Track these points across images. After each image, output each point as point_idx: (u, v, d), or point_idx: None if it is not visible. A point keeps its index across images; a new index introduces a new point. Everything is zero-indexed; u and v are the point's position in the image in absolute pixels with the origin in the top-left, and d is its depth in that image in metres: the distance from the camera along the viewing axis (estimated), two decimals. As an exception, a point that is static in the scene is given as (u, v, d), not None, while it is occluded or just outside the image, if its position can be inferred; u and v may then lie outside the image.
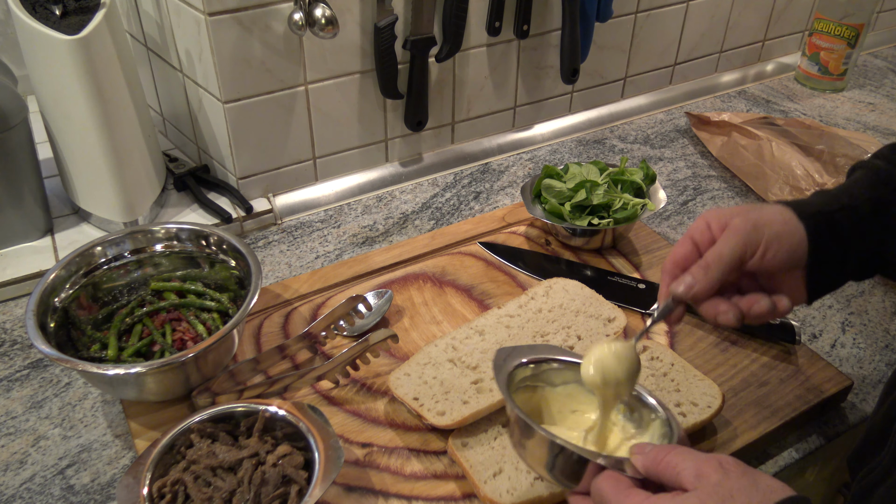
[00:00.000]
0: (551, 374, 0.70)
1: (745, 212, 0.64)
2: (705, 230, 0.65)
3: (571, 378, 0.69)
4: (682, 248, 0.66)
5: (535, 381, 0.69)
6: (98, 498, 0.74)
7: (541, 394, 0.70)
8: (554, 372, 0.69)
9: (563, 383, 0.70)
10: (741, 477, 0.51)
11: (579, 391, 0.69)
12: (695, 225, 0.66)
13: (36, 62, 0.94)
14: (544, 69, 1.29)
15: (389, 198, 1.18)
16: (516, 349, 0.69)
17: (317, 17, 0.96)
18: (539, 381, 0.70)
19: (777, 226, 0.62)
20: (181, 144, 1.22)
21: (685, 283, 0.63)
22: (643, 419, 0.66)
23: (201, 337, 0.84)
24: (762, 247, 0.62)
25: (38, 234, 1.03)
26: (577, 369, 0.66)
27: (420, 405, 0.77)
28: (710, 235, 0.65)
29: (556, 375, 0.70)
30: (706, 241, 0.65)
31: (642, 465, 0.55)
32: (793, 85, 1.57)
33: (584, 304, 0.89)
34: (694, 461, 0.52)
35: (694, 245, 0.65)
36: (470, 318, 0.90)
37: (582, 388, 0.69)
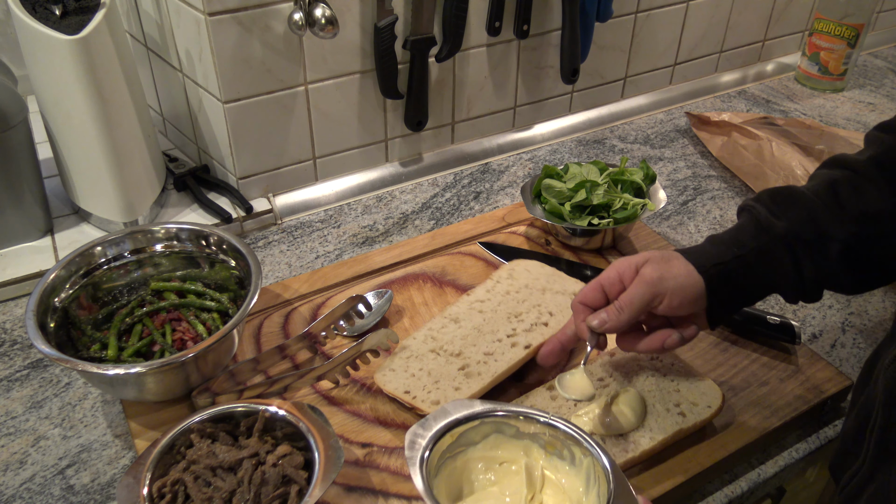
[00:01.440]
0: (470, 433, 0.66)
1: (654, 261, 0.72)
2: (616, 280, 0.73)
3: (491, 430, 0.67)
4: (592, 291, 0.74)
5: (455, 447, 0.66)
6: (98, 498, 0.74)
7: (462, 459, 0.67)
8: (472, 431, 0.66)
9: (483, 438, 0.67)
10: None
11: (500, 440, 0.67)
12: (606, 273, 0.74)
13: (36, 62, 0.94)
14: (544, 69, 1.29)
15: (389, 198, 1.18)
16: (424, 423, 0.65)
17: (317, 17, 0.96)
18: (460, 445, 0.66)
19: (680, 278, 0.70)
20: (181, 144, 1.22)
21: (599, 319, 0.72)
22: (574, 457, 0.65)
23: (201, 337, 0.84)
24: (668, 296, 0.71)
25: (38, 234, 1.03)
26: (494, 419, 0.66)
27: (413, 398, 0.78)
28: (620, 285, 0.73)
29: (475, 433, 0.67)
30: (615, 290, 0.73)
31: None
32: (793, 85, 1.57)
33: (548, 281, 0.92)
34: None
35: (602, 291, 0.73)
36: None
37: (502, 436, 0.67)
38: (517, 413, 0.66)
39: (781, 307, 0.97)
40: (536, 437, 0.67)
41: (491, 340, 0.84)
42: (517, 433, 0.67)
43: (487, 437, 0.67)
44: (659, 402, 0.78)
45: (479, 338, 0.84)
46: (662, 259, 0.72)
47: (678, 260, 0.72)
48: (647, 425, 0.75)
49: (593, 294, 0.73)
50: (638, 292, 0.70)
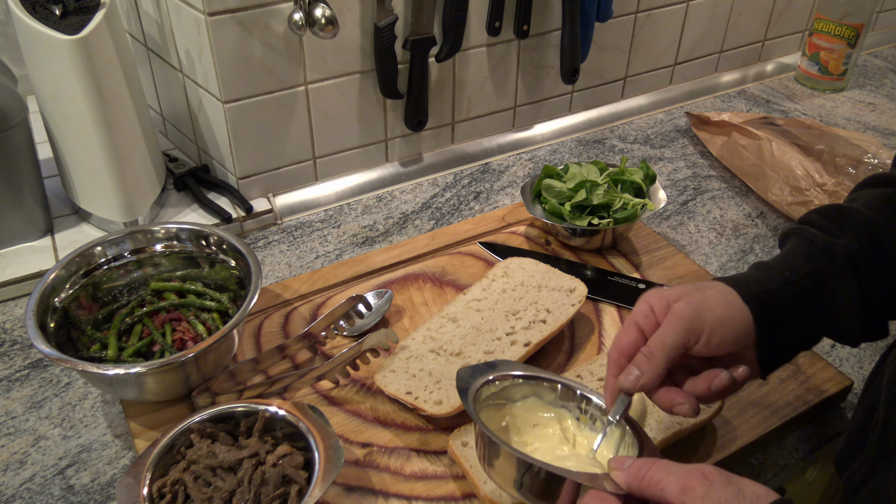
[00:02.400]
0: (512, 389, 0.70)
1: (688, 294, 0.62)
2: (649, 314, 0.63)
3: (530, 392, 0.70)
4: (628, 335, 0.63)
5: (497, 398, 0.69)
6: (98, 498, 0.74)
7: (506, 410, 0.70)
8: (515, 388, 0.70)
9: (522, 398, 0.70)
10: (726, 486, 0.49)
11: (537, 403, 0.70)
12: (637, 308, 0.64)
13: (36, 62, 0.94)
14: (544, 69, 1.29)
15: (389, 198, 1.18)
16: (476, 368, 0.69)
17: (317, 17, 0.96)
18: (501, 398, 0.70)
19: (720, 310, 0.60)
20: (181, 144, 1.22)
21: (632, 377, 0.60)
22: (607, 429, 0.64)
23: (201, 337, 0.84)
24: (706, 333, 0.60)
25: (38, 234, 1.03)
26: (535, 383, 0.69)
27: (415, 398, 0.78)
28: (654, 319, 0.63)
29: (517, 391, 0.70)
30: (651, 326, 0.62)
31: (625, 481, 0.53)
32: (793, 85, 1.57)
33: (543, 278, 0.92)
34: (677, 475, 0.51)
35: (639, 330, 0.63)
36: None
37: (539, 401, 0.70)
38: (557, 381, 0.69)
39: (781, 307, 0.97)
40: (571, 407, 0.69)
41: (490, 339, 0.84)
42: (554, 400, 0.70)
43: (526, 398, 0.70)
44: (659, 402, 0.78)
45: (478, 337, 0.84)
46: (698, 290, 0.62)
47: (716, 289, 0.62)
48: (646, 425, 0.75)
49: (629, 337, 0.63)
50: (671, 332, 0.60)
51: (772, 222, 1.14)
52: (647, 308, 0.63)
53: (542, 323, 0.85)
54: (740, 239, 1.10)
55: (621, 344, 0.63)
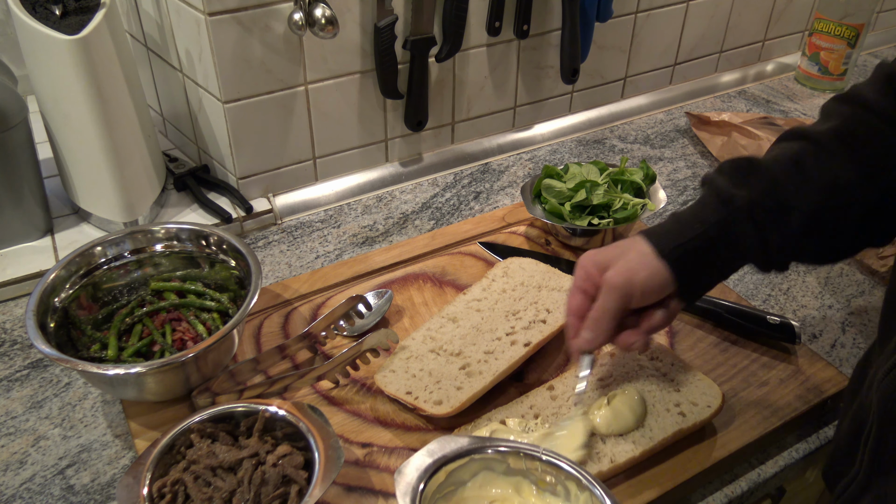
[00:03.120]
0: (459, 472, 0.65)
1: (615, 259, 0.70)
2: (587, 278, 0.72)
3: (479, 468, 0.66)
4: (574, 299, 0.73)
5: (446, 487, 0.65)
6: (98, 498, 0.74)
7: (456, 498, 0.65)
8: (461, 469, 0.65)
9: (472, 476, 0.66)
10: None
11: (490, 477, 0.66)
12: (577, 275, 0.73)
13: (36, 62, 0.94)
14: (544, 69, 1.29)
15: (389, 198, 1.18)
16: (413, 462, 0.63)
17: (317, 17, 0.96)
18: (450, 484, 0.65)
19: (644, 272, 0.69)
20: (181, 144, 1.22)
21: (587, 340, 0.71)
22: (570, 493, 0.64)
23: (201, 337, 0.84)
24: (637, 295, 0.70)
25: (38, 234, 1.03)
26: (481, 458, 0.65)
27: (415, 399, 0.78)
28: (594, 283, 0.71)
29: (464, 471, 0.66)
30: (591, 287, 0.72)
31: None
32: (793, 85, 1.57)
33: (543, 278, 0.92)
34: None
35: (583, 293, 0.72)
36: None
37: (492, 473, 0.66)
38: (506, 449, 0.65)
39: (781, 307, 0.97)
40: (528, 472, 0.66)
41: (490, 339, 0.84)
42: (507, 469, 0.66)
43: (476, 476, 0.66)
44: (659, 402, 0.78)
45: (478, 336, 0.84)
46: (622, 255, 0.71)
47: (637, 251, 0.70)
48: (647, 425, 0.75)
49: (576, 301, 0.73)
50: (610, 300, 0.70)
51: (772, 222, 1.14)
52: (585, 273, 0.72)
53: (542, 323, 0.85)
54: (740, 239, 1.10)
55: (571, 307, 0.73)
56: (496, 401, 0.80)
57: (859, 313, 0.97)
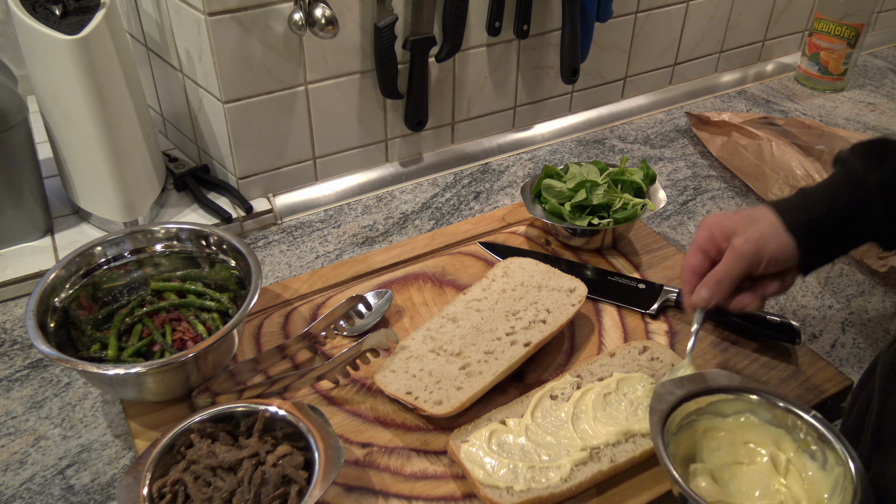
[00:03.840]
0: (722, 405, 0.67)
1: (744, 228, 0.73)
2: (710, 239, 0.75)
3: (744, 409, 0.67)
4: (695, 258, 0.77)
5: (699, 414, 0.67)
6: (98, 498, 0.74)
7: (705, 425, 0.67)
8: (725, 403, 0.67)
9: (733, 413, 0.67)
10: None
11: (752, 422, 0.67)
12: (700, 235, 0.76)
13: (36, 62, 0.94)
14: (544, 69, 1.29)
15: (389, 198, 1.18)
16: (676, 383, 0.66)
17: (317, 17, 0.96)
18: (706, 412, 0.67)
19: (774, 245, 0.72)
20: (181, 144, 1.22)
21: (705, 297, 0.75)
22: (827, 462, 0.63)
23: (201, 337, 0.84)
24: (763, 265, 0.73)
25: (38, 234, 1.03)
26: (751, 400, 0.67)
27: (415, 399, 0.78)
28: (716, 245, 0.75)
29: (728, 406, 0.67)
30: (714, 250, 0.76)
31: None
32: (793, 85, 1.57)
33: (543, 278, 0.92)
34: None
35: (703, 253, 0.76)
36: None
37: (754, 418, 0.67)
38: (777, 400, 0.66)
39: (781, 307, 0.97)
40: (791, 429, 0.66)
41: (490, 339, 0.84)
42: (772, 419, 0.67)
43: (739, 415, 0.68)
44: (659, 401, 0.78)
45: (478, 337, 0.84)
46: (752, 223, 0.73)
47: (767, 221, 0.73)
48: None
49: (696, 260, 0.76)
50: (735, 265, 0.73)
51: (772, 222, 1.14)
52: (709, 235, 0.75)
53: (542, 323, 0.85)
54: (740, 239, 1.10)
55: (691, 265, 0.77)
56: (496, 401, 0.80)
57: (859, 313, 0.97)
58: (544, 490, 0.69)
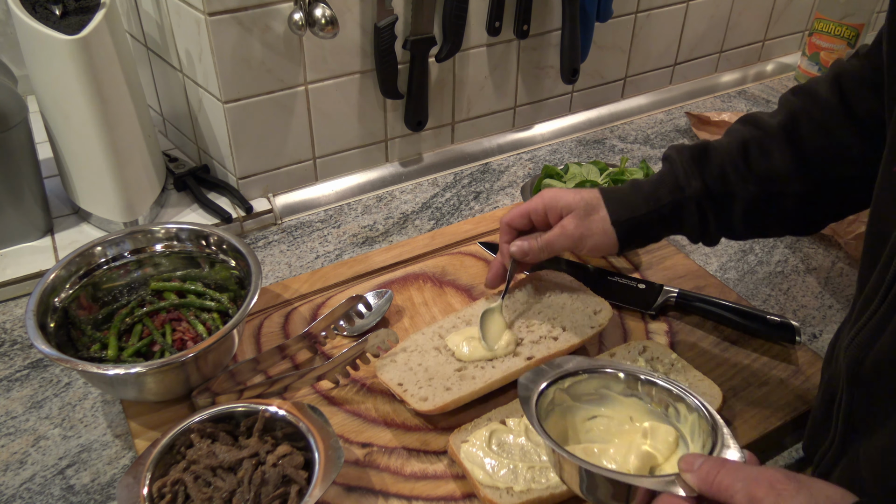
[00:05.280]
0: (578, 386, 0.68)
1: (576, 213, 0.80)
2: (541, 213, 0.82)
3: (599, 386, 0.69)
4: (521, 219, 0.83)
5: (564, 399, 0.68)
6: (98, 498, 0.74)
7: (573, 408, 0.69)
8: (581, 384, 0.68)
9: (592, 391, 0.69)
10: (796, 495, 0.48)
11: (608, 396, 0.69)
12: (534, 203, 0.82)
13: (36, 62, 0.94)
14: (544, 69, 1.29)
15: (389, 198, 1.18)
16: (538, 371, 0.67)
17: (317, 17, 0.96)
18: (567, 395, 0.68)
19: (597, 237, 0.80)
20: (181, 144, 1.22)
21: (521, 248, 0.83)
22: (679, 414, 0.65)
23: (201, 337, 0.84)
24: (584, 250, 0.81)
25: (38, 234, 1.03)
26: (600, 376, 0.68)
27: (404, 390, 0.78)
28: (543, 219, 0.82)
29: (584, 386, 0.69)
30: (540, 220, 0.83)
31: (695, 484, 0.53)
32: (793, 85, 1.57)
33: (571, 296, 0.90)
34: (745, 482, 0.50)
35: (527, 218, 0.83)
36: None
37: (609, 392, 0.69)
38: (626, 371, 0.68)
39: (781, 307, 0.97)
40: (644, 395, 0.68)
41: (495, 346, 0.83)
42: (624, 391, 0.69)
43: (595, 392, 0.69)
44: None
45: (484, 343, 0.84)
46: (585, 212, 0.80)
47: (598, 216, 0.80)
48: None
49: (521, 220, 0.83)
50: (560, 241, 0.81)
51: (772, 222, 1.14)
52: (542, 208, 0.82)
53: (552, 340, 0.84)
54: (740, 239, 1.10)
55: (513, 221, 0.84)
56: (496, 401, 0.80)
57: (859, 313, 0.97)
58: (544, 490, 0.69)
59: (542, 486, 0.69)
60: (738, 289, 1.00)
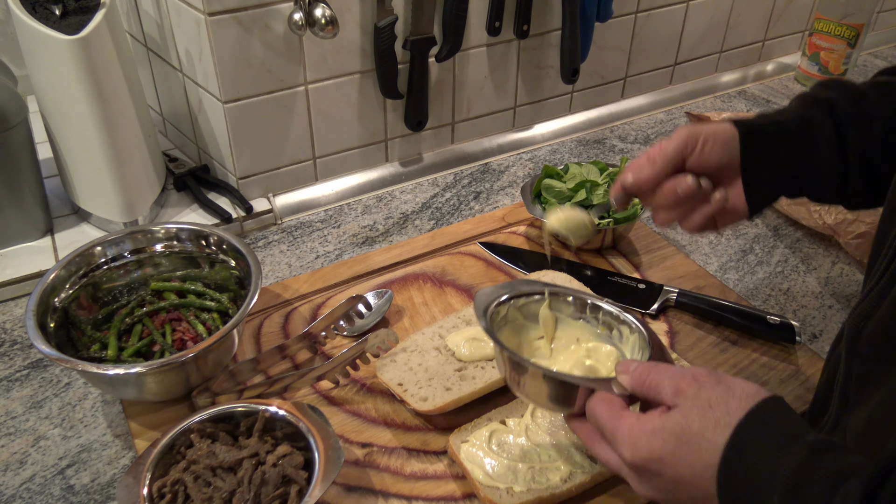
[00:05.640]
0: (531, 306, 0.72)
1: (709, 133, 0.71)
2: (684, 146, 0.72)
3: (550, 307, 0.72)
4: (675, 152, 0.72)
5: (515, 316, 0.72)
6: (98, 498, 0.74)
7: (524, 325, 0.73)
8: (533, 304, 0.72)
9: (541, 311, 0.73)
10: (716, 386, 0.54)
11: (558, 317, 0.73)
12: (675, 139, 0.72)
13: (36, 62, 0.94)
14: (544, 69, 1.29)
15: (389, 198, 1.18)
16: (496, 288, 0.72)
17: (317, 17, 0.96)
18: (520, 314, 0.72)
19: (714, 126, 0.71)
20: (181, 144, 1.22)
21: (633, 172, 0.73)
22: (622, 335, 0.69)
23: (201, 337, 0.84)
24: (700, 142, 0.70)
25: (38, 234, 1.03)
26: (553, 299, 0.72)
27: (404, 390, 0.78)
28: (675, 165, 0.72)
29: (536, 307, 0.72)
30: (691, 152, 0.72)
31: (629, 384, 0.58)
32: (793, 85, 1.57)
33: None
34: (671, 378, 0.56)
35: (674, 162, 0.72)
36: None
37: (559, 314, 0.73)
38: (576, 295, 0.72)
39: (781, 307, 0.97)
40: (591, 318, 0.71)
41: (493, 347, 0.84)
42: (573, 313, 0.72)
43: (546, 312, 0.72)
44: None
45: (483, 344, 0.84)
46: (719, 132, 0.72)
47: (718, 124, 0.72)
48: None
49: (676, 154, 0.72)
50: (672, 142, 0.71)
51: (772, 222, 1.14)
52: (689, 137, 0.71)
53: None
54: (740, 239, 1.10)
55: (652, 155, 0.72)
56: (496, 401, 0.80)
57: (859, 313, 0.97)
58: (544, 490, 0.69)
59: (542, 486, 0.69)
60: (738, 289, 1.00)
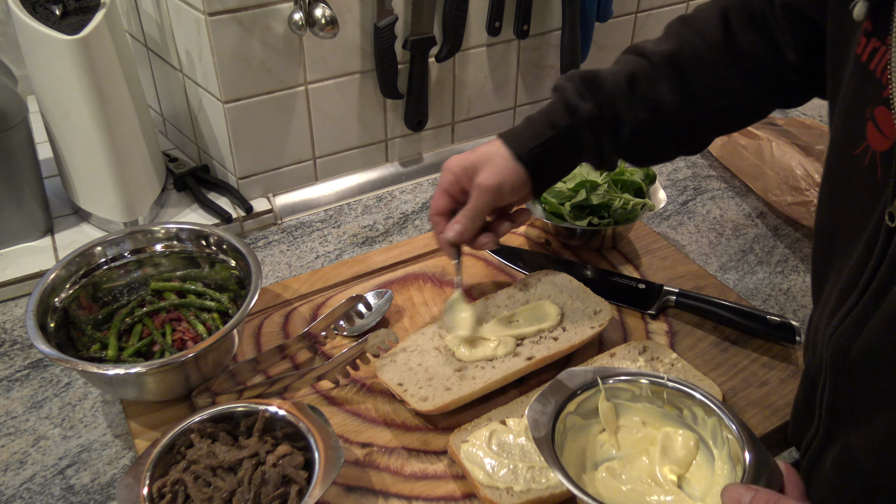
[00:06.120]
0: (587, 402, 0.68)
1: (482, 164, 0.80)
2: (455, 182, 0.81)
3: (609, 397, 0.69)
4: (442, 200, 0.82)
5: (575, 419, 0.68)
6: (98, 498, 0.74)
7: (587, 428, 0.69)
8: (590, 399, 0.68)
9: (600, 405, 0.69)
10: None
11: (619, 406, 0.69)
12: (445, 178, 0.82)
13: (36, 62, 0.94)
14: (544, 69, 1.29)
15: (389, 198, 1.18)
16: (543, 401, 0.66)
17: (317, 17, 0.96)
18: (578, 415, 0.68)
19: (511, 179, 0.80)
20: (181, 144, 1.22)
21: (458, 231, 0.81)
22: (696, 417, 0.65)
23: (201, 337, 0.84)
24: (505, 198, 0.81)
25: (38, 234, 1.03)
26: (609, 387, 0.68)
27: (404, 390, 0.78)
28: (461, 186, 0.81)
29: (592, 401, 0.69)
30: (458, 191, 0.82)
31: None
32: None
33: (571, 296, 0.90)
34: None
35: (449, 196, 0.82)
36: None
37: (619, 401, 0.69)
38: (633, 377, 0.68)
39: (781, 307, 0.97)
40: (655, 399, 0.68)
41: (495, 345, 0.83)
42: (633, 397, 0.69)
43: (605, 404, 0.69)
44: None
45: (484, 342, 0.84)
46: (489, 160, 0.80)
47: (501, 156, 0.80)
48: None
49: (443, 202, 0.82)
50: (483, 201, 0.80)
51: (772, 222, 1.14)
52: (453, 177, 0.81)
53: (553, 340, 0.84)
54: (740, 239, 1.10)
55: (439, 208, 0.83)
56: (496, 401, 0.80)
57: (859, 313, 0.97)
58: (544, 490, 0.69)
59: (542, 486, 0.69)
60: (738, 289, 1.00)
